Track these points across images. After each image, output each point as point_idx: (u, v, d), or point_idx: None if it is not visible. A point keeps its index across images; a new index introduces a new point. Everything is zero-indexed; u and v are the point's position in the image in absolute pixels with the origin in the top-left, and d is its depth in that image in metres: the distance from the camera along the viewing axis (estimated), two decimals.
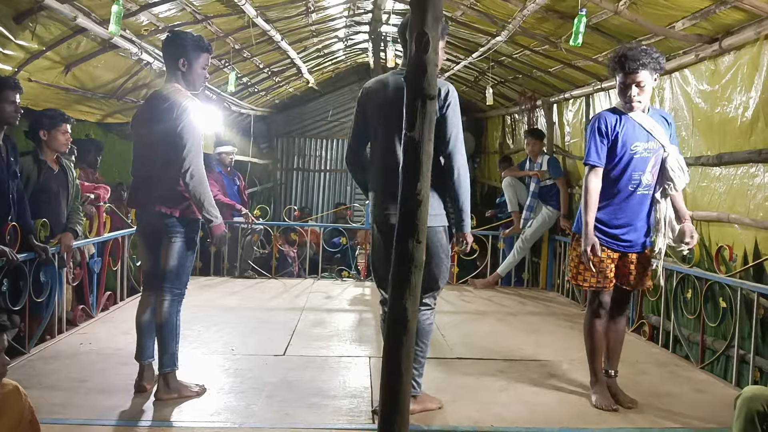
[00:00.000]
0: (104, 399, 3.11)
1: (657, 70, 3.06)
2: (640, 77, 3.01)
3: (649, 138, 3.11)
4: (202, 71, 3.23)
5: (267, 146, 11.32)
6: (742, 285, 3.67)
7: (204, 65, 3.23)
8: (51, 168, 4.16)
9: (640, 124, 3.11)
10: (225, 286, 6.16)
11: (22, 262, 3.60)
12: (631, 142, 3.10)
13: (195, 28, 5.35)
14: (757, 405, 2.23)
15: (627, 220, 3.18)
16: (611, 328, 3.35)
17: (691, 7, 3.92)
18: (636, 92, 3.05)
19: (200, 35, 3.29)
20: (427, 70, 1.72)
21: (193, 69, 3.19)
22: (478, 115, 10.94)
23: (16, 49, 3.96)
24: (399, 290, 1.81)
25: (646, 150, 3.11)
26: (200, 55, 3.20)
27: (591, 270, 3.17)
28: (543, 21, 5.16)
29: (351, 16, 7.24)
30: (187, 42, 3.18)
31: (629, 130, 3.11)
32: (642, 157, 3.11)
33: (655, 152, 3.12)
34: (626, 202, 3.17)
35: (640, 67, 2.99)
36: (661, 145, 3.11)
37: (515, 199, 6.66)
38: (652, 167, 3.13)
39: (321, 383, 3.48)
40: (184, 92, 3.15)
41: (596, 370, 3.31)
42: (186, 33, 3.32)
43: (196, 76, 3.21)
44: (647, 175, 3.13)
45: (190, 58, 3.17)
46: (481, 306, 5.76)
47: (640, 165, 3.12)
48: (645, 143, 3.11)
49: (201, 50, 3.20)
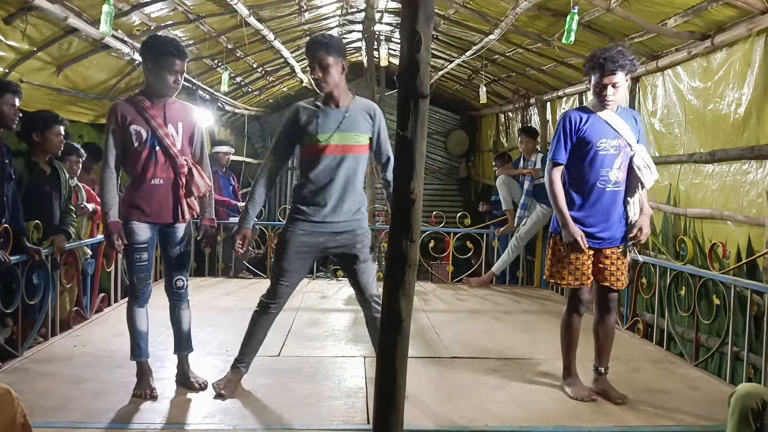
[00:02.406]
0: (98, 402, 3.09)
1: (631, 72, 3.15)
2: (616, 78, 3.10)
3: (617, 136, 3.18)
4: (165, 77, 3.13)
5: (261, 146, 11.30)
6: (735, 282, 3.69)
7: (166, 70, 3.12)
8: (43, 170, 4.14)
9: (607, 122, 3.18)
10: (220, 287, 6.14)
11: (14, 265, 3.58)
12: (597, 139, 3.17)
13: (187, 27, 5.34)
14: (751, 402, 2.23)
15: (601, 218, 3.23)
16: (600, 326, 3.39)
17: (683, 3, 3.93)
18: (611, 92, 3.13)
19: (167, 38, 3.25)
20: (420, 68, 1.72)
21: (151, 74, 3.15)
22: (472, 114, 10.96)
23: (7, 49, 3.94)
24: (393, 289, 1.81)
25: (614, 147, 3.18)
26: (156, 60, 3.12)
27: (567, 268, 3.23)
28: (536, 19, 5.16)
29: (344, 15, 7.24)
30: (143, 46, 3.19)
31: (596, 127, 3.18)
32: (609, 154, 3.18)
33: (622, 149, 3.18)
34: (598, 201, 3.22)
35: (618, 69, 3.08)
36: (627, 143, 3.17)
37: (509, 198, 6.67)
38: (620, 164, 3.19)
39: (316, 384, 3.48)
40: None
41: (570, 365, 3.41)
42: (151, 36, 3.31)
43: (153, 81, 3.16)
44: (615, 171, 3.19)
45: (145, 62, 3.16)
46: (476, 304, 5.76)
47: (608, 162, 3.18)
48: (612, 140, 3.18)
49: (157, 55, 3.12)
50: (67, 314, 4.48)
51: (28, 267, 3.76)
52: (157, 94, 3.17)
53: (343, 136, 3.13)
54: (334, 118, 3.14)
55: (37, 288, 3.88)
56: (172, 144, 3.17)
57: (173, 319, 3.36)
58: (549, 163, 3.27)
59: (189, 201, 3.24)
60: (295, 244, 3.20)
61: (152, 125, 3.13)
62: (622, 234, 3.29)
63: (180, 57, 3.13)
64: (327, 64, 3.06)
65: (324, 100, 3.18)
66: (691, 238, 4.36)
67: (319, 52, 3.08)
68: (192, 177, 3.21)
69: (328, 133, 3.12)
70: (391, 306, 1.81)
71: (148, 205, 3.18)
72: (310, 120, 3.15)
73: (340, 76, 3.11)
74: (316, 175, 3.16)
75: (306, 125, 3.16)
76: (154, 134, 3.13)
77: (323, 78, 3.08)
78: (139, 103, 3.15)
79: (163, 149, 3.15)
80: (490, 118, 9.94)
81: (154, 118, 3.13)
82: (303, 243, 3.20)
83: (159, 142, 3.14)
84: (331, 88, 3.12)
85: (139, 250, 3.21)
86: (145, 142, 3.13)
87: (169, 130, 3.17)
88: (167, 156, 3.16)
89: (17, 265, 3.64)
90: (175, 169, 3.18)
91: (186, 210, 3.23)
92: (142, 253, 3.22)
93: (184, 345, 3.36)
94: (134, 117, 3.13)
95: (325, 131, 3.12)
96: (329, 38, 3.18)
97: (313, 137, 3.13)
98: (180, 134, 3.21)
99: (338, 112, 3.15)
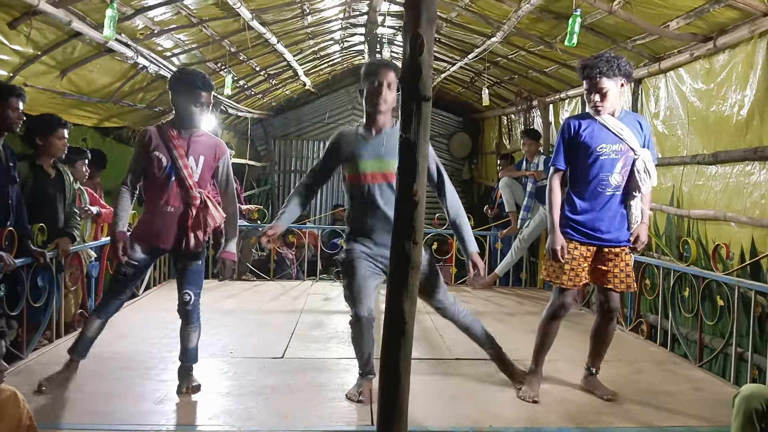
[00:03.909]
0: (103, 404, 3.10)
1: (619, 77, 3.15)
2: (601, 84, 3.14)
3: (618, 140, 3.19)
4: (192, 109, 3.24)
5: (264, 149, 11.32)
6: (739, 283, 3.68)
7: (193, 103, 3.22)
8: (47, 173, 4.15)
9: (607, 127, 3.20)
10: (223, 289, 6.15)
11: (19, 267, 3.59)
12: (597, 144, 3.19)
13: (190, 31, 5.36)
14: (756, 403, 2.23)
15: (601, 219, 3.24)
16: (599, 331, 3.40)
17: (686, 6, 3.93)
18: (598, 98, 3.17)
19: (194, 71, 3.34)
20: (422, 71, 1.72)
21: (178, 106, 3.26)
22: (475, 116, 10.97)
23: (11, 53, 3.96)
24: (397, 291, 1.81)
25: (614, 152, 3.19)
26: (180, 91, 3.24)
27: (562, 268, 3.25)
28: (538, 21, 5.17)
29: (346, 18, 7.25)
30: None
31: (595, 132, 3.21)
32: (610, 158, 3.19)
33: (623, 154, 3.19)
34: (598, 203, 3.24)
35: (598, 75, 3.13)
36: (630, 147, 3.18)
37: (512, 200, 6.67)
38: (621, 168, 3.20)
39: (319, 385, 3.48)
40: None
41: (538, 363, 3.42)
42: (179, 70, 3.44)
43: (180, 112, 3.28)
44: (615, 176, 3.21)
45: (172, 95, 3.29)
46: (480, 306, 5.75)
47: (608, 166, 3.20)
48: (612, 145, 3.19)
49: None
50: (72, 317, 4.50)
51: (32, 270, 3.77)
52: (184, 125, 3.27)
53: (383, 164, 3.12)
54: (375, 144, 3.14)
55: (41, 290, 3.90)
56: (189, 176, 3.24)
57: (181, 335, 3.35)
58: (550, 168, 3.33)
59: (197, 233, 3.27)
60: (359, 266, 3.19)
61: (173, 155, 3.22)
62: (625, 236, 3.29)
63: (206, 90, 3.24)
64: (389, 84, 3.07)
65: (366, 126, 3.19)
66: (694, 239, 4.36)
67: (386, 72, 3.09)
68: (206, 209, 3.26)
69: (367, 161, 3.13)
70: (394, 308, 1.81)
71: (155, 229, 3.26)
72: (351, 147, 3.17)
73: (393, 99, 3.11)
74: (357, 203, 3.19)
75: (346, 153, 3.18)
76: (173, 164, 3.22)
77: (383, 99, 3.08)
78: (167, 132, 3.26)
79: (179, 180, 3.23)
80: (493, 120, 9.95)
81: (177, 148, 3.23)
82: (365, 264, 3.21)
83: (177, 171, 3.22)
84: (383, 110, 3.11)
85: (129, 265, 3.27)
86: (165, 169, 3.22)
87: (190, 162, 3.26)
88: (181, 186, 3.23)
89: (22, 268, 3.65)
90: (187, 199, 3.24)
91: (192, 241, 3.26)
92: (129, 268, 3.27)
93: (190, 358, 3.36)
94: (159, 144, 3.24)
95: (364, 158, 3.14)
96: (389, 62, 3.28)
97: (352, 165, 3.16)
98: (200, 167, 3.28)
99: (379, 138, 3.14)
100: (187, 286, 3.29)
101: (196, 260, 3.33)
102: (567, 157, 3.27)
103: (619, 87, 3.18)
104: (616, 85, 3.16)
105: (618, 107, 3.23)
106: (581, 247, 3.25)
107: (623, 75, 3.16)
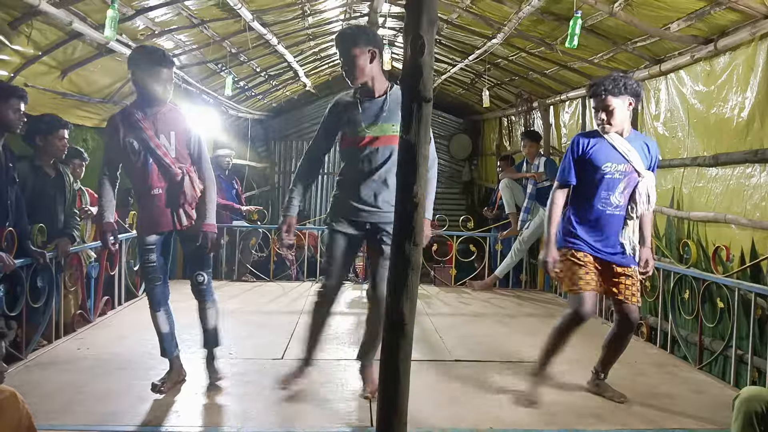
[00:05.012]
0: (102, 404, 3.10)
1: (626, 95, 3.17)
2: (607, 102, 3.16)
3: (623, 161, 3.19)
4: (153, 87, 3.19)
5: (264, 150, 11.32)
6: (739, 285, 3.68)
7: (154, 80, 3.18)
8: (47, 173, 4.15)
9: (614, 146, 3.21)
10: (223, 290, 6.14)
11: (19, 268, 3.59)
12: (602, 162, 3.20)
13: (191, 32, 5.36)
14: (756, 405, 2.23)
15: (603, 235, 3.25)
16: (617, 339, 3.37)
17: (686, 8, 3.93)
18: (604, 116, 3.19)
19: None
20: (423, 73, 1.72)
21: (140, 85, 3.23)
22: (475, 117, 10.97)
23: (12, 54, 3.96)
24: (397, 293, 1.81)
25: (618, 172, 3.19)
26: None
27: (577, 273, 3.22)
28: (538, 23, 5.17)
29: (347, 19, 7.25)
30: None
31: (601, 150, 3.22)
32: (613, 178, 3.20)
33: (627, 175, 3.20)
34: (598, 221, 3.24)
35: (604, 92, 3.15)
36: (634, 169, 3.19)
37: (512, 201, 6.68)
38: (623, 189, 3.21)
39: (319, 386, 3.48)
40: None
41: (543, 367, 3.38)
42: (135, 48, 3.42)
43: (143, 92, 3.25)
44: (617, 196, 3.21)
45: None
46: (480, 308, 5.76)
47: (611, 185, 3.20)
48: (618, 165, 3.19)
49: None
50: (71, 317, 4.50)
51: (32, 270, 3.77)
52: (148, 104, 3.22)
53: (381, 128, 3.09)
54: (371, 109, 3.11)
55: (41, 291, 3.90)
56: (165, 154, 3.20)
57: (200, 317, 3.39)
58: (556, 182, 3.34)
59: (186, 208, 3.26)
60: (337, 239, 3.18)
61: (143, 137, 3.18)
62: (632, 259, 3.28)
63: (166, 65, 3.18)
64: (353, 56, 3.04)
65: (360, 92, 3.16)
66: (694, 241, 4.36)
67: (341, 44, 3.09)
68: (185, 183, 3.23)
69: (364, 125, 3.09)
70: (394, 309, 1.81)
71: (150, 215, 3.26)
72: (347, 112, 3.14)
73: (369, 66, 3.07)
74: (353, 167, 3.15)
75: (343, 118, 3.15)
76: (146, 145, 3.18)
77: (349, 70, 3.08)
78: (132, 115, 3.20)
79: (156, 159, 3.20)
80: (493, 121, 9.95)
81: (145, 129, 3.18)
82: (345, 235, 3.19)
83: (152, 152, 3.19)
84: (360, 80, 3.10)
85: (147, 251, 3.26)
86: (139, 153, 3.19)
87: (161, 140, 3.21)
88: (160, 166, 3.21)
89: (22, 269, 3.65)
90: (170, 177, 3.21)
91: (183, 217, 3.25)
92: (150, 254, 3.26)
93: (211, 341, 3.40)
94: (127, 129, 3.19)
95: (361, 123, 3.10)
96: (353, 29, 3.20)
97: (350, 130, 3.13)
98: (173, 142, 3.24)
99: (375, 103, 3.12)
100: (199, 268, 3.33)
101: (204, 241, 3.31)
102: (573, 173, 3.27)
103: (627, 106, 3.18)
104: (623, 103, 3.17)
105: (627, 127, 3.24)
106: (590, 256, 3.24)
107: (630, 94, 3.17)
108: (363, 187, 3.12)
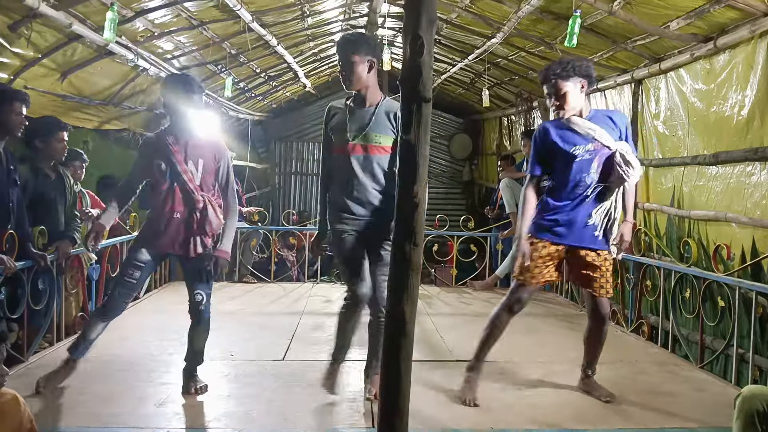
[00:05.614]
0: (104, 406, 3.10)
1: (576, 77, 3.18)
2: (558, 87, 3.19)
3: (588, 140, 3.20)
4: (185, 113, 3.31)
5: (265, 151, 11.32)
6: (740, 284, 3.68)
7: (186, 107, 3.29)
8: (48, 175, 4.15)
9: (574, 129, 3.22)
10: (224, 291, 6.15)
11: (20, 270, 3.59)
12: (570, 147, 3.21)
13: (191, 33, 5.36)
14: (757, 404, 2.22)
15: (576, 220, 3.24)
16: (592, 333, 3.40)
17: (686, 6, 3.93)
18: (553, 100, 3.23)
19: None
20: (422, 73, 1.72)
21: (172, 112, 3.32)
22: (475, 117, 10.97)
23: (12, 56, 3.96)
24: (397, 293, 1.81)
25: (588, 152, 3.20)
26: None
27: (528, 266, 3.27)
28: (538, 22, 5.17)
29: (347, 20, 7.26)
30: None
31: (566, 135, 3.23)
32: (584, 159, 3.20)
33: (597, 153, 3.19)
34: (573, 203, 3.23)
35: (553, 78, 3.19)
36: (603, 145, 3.18)
37: (513, 201, 6.66)
38: (597, 167, 3.20)
39: (320, 388, 3.47)
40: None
41: (480, 358, 3.40)
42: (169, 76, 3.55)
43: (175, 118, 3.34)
44: (593, 175, 3.21)
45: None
46: (480, 308, 5.75)
47: (585, 167, 3.20)
48: (585, 145, 3.20)
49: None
50: (72, 319, 4.49)
51: (33, 272, 3.77)
52: (181, 130, 3.31)
53: (366, 137, 3.11)
54: (360, 118, 3.13)
55: (42, 293, 3.89)
56: (190, 180, 3.26)
57: (190, 335, 3.36)
58: (526, 177, 3.38)
59: (202, 237, 3.30)
60: (344, 239, 3.18)
61: (172, 161, 3.25)
62: (601, 242, 3.27)
63: (198, 93, 3.29)
64: (352, 62, 3.07)
65: (353, 99, 3.20)
66: (695, 240, 4.35)
67: (342, 49, 3.11)
68: (206, 213, 3.27)
69: (350, 133, 3.12)
70: (395, 309, 1.81)
71: (158, 232, 3.29)
72: (338, 119, 3.18)
73: (366, 75, 3.10)
74: (340, 174, 3.17)
75: (333, 124, 3.19)
76: (173, 170, 3.25)
77: (346, 76, 3.10)
78: (164, 139, 3.30)
79: (181, 185, 3.26)
80: (493, 121, 9.95)
81: (174, 153, 3.26)
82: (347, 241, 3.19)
83: (177, 177, 3.25)
84: (354, 87, 3.13)
85: (135, 267, 3.29)
86: (165, 175, 3.26)
87: (189, 166, 3.28)
88: (184, 191, 3.27)
89: (23, 271, 3.65)
90: (191, 204, 3.26)
91: (198, 245, 3.29)
92: (135, 271, 3.29)
93: (193, 359, 3.37)
94: (157, 152, 3.28)
95: (348, 131, 3.12)
96: (356, 36, 3.24)
97: (338, 136, 3.16)
98: (200, 171, 3.30)
99: (365, 111, 3.14)
100: (199, 287, 3.32)
101: (206, 260, 3.33)
102: (541, 163, 3.30)
103: (578, 88, 3.20)
104: (574, 85, 3.18)
105: (584, 108, 3.25)
106: (550, 246, 3.26)
107: (581, 75, 3.19)
108: (350, 195, 3.14)
